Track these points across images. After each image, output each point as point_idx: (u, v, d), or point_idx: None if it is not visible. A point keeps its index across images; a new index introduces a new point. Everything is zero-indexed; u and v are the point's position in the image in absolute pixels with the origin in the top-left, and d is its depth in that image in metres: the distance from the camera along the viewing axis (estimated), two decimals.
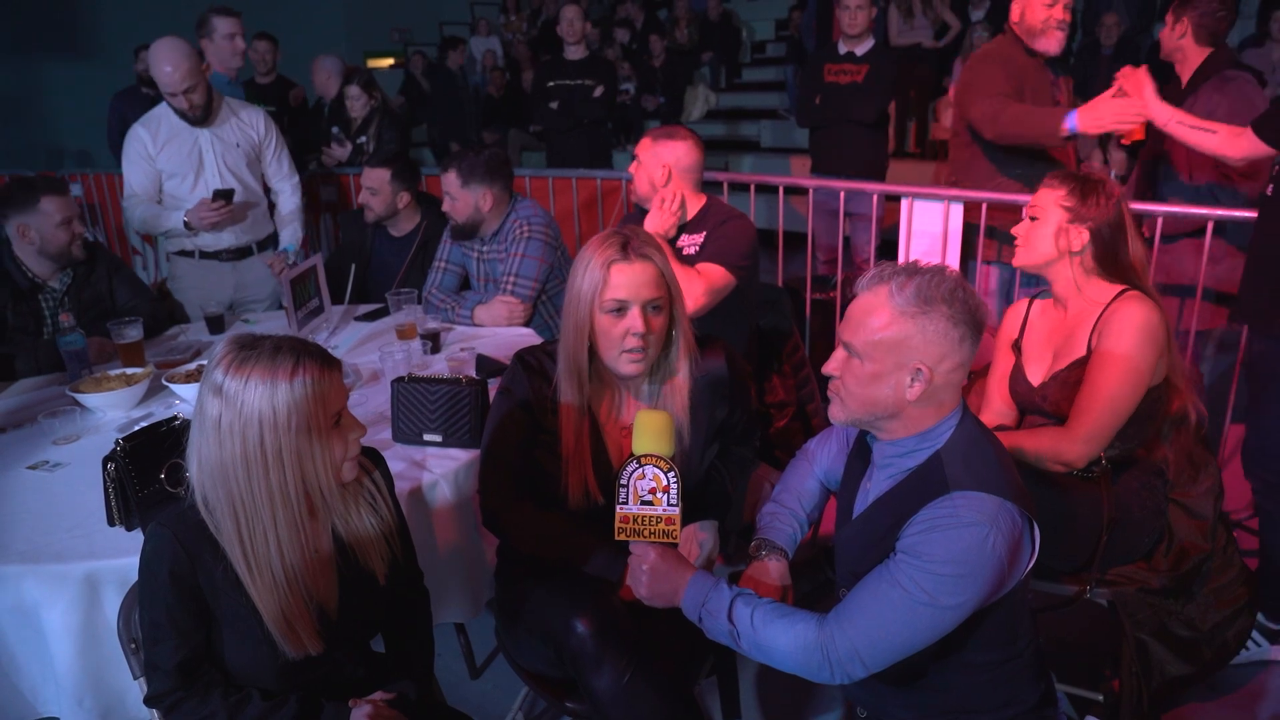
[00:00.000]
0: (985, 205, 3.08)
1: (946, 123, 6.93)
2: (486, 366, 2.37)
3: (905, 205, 3.28)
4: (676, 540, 1.50)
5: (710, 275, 2.41)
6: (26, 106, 8.72)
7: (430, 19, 10.95)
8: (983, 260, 3.18)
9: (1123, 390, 1.82)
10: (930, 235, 3.22)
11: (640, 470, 1.47)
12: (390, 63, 10.66)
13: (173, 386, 2.23)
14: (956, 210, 3.16)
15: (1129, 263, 1.90)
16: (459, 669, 2.33)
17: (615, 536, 1.50)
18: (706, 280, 2.39)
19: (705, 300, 2.38)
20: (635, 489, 1.47)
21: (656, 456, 1.48)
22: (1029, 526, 1.32)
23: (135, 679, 1.42)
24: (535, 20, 10.21)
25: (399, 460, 1.95)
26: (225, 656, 1.33)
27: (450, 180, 2.84)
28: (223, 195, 3.16)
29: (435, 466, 1.96)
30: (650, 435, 1.49)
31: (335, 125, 4.91)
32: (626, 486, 1.47)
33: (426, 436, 2.03)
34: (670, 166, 2.51)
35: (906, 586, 1.26)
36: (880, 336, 1.32)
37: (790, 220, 3.80)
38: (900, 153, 7.02)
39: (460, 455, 1.99)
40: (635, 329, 1.57)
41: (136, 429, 1.78)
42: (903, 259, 2.60)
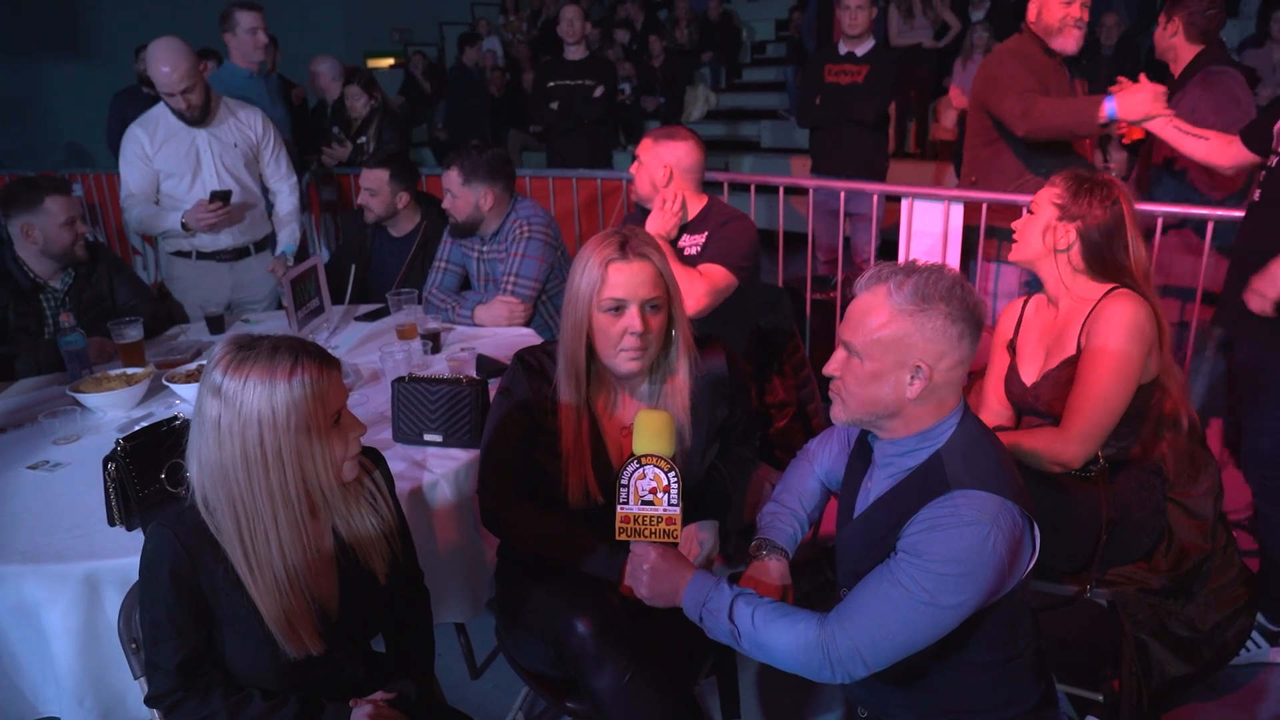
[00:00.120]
0: (985, 205, 3.08)
1: (947, 123, 6.93)
2: (487, 366, 2.37)
3: (905, 205, 3.28)
4: (677, 540, 1.50)
5: (712, 276, 2.41)
6: (26, 106, 8.73)
7: (430, 19, 10.96)
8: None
9: (1114, 388, 1.81)
10: (930, 235, 3.22)
11: (641, 470, 1.47)
12: (390, 63, 10.66)
13: (173, 386, 2.23)
14: (957, 210, 3.16)
15: (1123, 265, 1.89)
16: (459, 669, 2.33)
17: (616, 536, 1.50)
18: (709, 281, 2.40)
19: (708, 301, 2.39)
20: (636, 489, 1.47)
21: (657, 456, 1.48)
22: (1029, 526, 1.32)
23: (136, 679, 1.42)
24: (535, 20, 10.20)
25: (399, 460, 1.95)
26: (226, 656, 1.33)
27: (452, 177, 2.84)
28: (220, 197, 3.15)
29: (435, 466, 1.96)
30: (651, 435, 1.49)
31: (335, 125, 4.92)
32: (627, 486, 1.48)
33: (427, 436, 2.03)
34: (671, 167, 2.51)
35: (907, 586, 1.26)
36: (879, 335, 1.32)
37: (790, 220, 3.80)
38: (900, 153, 7.03)
39: (460, 455, 1.99)
40: (633, 328, 1.57)
41: (137, 429, 1.78)
42: (903, 259, 2.60)
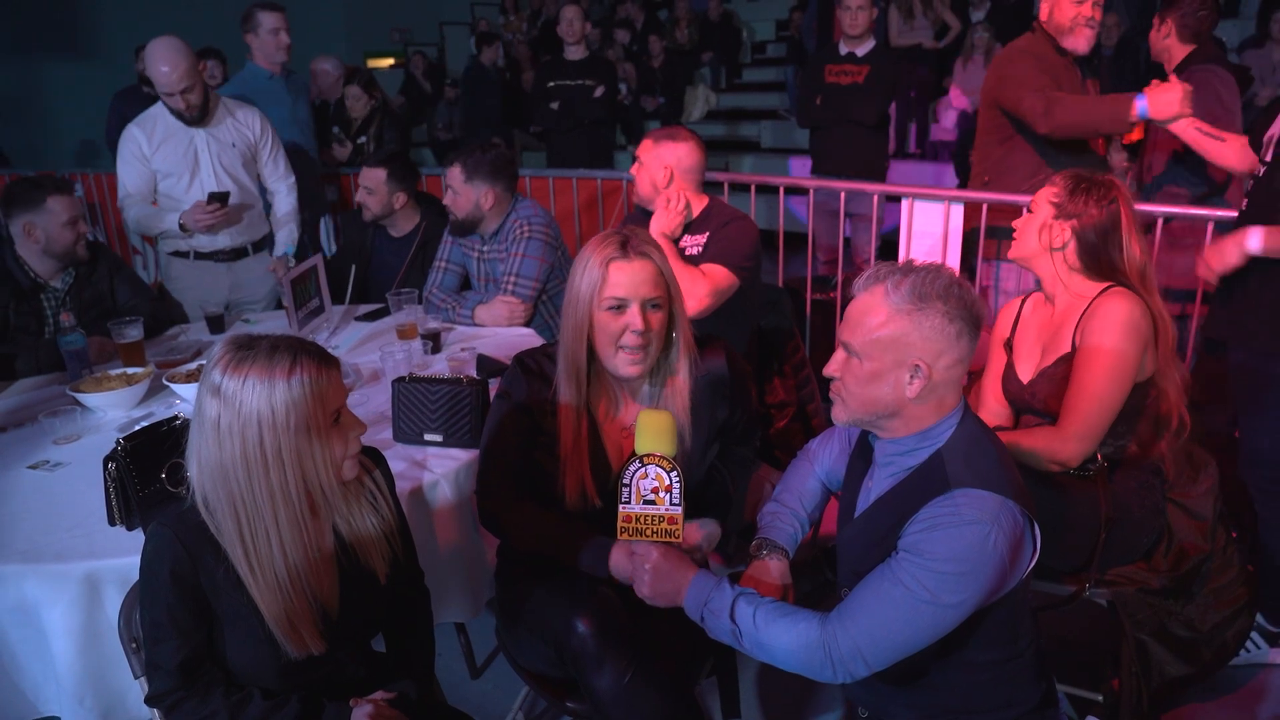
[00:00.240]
0: (986, 206, 3.07)
1: (947, 123, 6.94)
2: (487, 366, 2.37)
3: (905, 206, 3.28)
4: (679, 540, 1.50)
5: (714, 276, 2.41)
6: (26, 106, 8.72)
7: (430, 19, 10.95)
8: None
9: (1109, 386, 1.81)
10: (931, 236, 3.22)
11: (643, 470, 1.48)
12: (390, 63, 10.66)
13: (173, 386, 2.23)
14: (957, 211, 3.16)
15: (1119, 266, 1.89)
16: (459, 669, 2.33)
17: (618, 536, 1.50)
18: (711, 281, 2.40)
19: (709, 301, 2.39)
20: (638, 488, 1.48)
21: (659, 456, 1.48)
22: (1030, 525, 1.32)
23: (136, 678, 1.42)
24: (535, 20, 10.20)
25: (399, 460, 1.95)
26: (227, 656, 1.33)
27: (454, 175, 2.84)
28: (218, 198, 3.14)
29: (436, 466, 1.96)
30: (653, 435, 1.49)
31: (336, 125, 4.91)
32: (629, 486, 1.48)
33: (427, 436, 2.03)
34: (672, 168, 2.52)
35: (908, 585, 1.26)
36: (878, 335, 1.32)
37: (790, 221, 3.80)
38: (901, 153, 7.03)
39: (460, 455, 1.99)
40: (634, 326, 1.57)
41: (137, 429, 1.78)
42: (903, 260, 2.60)
